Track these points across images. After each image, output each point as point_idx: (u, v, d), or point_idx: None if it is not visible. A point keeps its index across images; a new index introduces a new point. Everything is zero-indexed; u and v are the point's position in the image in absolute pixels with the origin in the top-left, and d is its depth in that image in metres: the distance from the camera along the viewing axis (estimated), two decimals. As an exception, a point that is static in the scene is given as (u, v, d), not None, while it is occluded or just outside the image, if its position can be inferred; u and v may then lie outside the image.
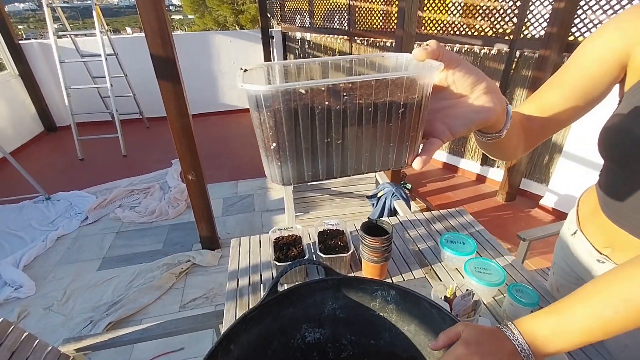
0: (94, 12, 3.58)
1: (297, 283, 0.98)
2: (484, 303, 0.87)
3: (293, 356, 0.61)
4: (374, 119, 0.33)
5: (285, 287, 0.97)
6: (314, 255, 1.07)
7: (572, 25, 2.27)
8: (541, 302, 0.84)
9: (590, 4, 2.17)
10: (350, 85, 0.31)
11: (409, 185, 3.08)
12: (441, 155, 3.50)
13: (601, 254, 0.68)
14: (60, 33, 3.83)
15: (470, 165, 3.28)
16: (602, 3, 2.13)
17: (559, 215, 2.62)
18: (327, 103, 0.31)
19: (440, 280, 0.95)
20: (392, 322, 0.58)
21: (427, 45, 0.35)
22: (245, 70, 0.35)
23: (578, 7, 2.22)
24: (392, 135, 0.35)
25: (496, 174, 3.07)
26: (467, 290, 0.73)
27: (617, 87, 0.58)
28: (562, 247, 0.82)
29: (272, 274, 1.01)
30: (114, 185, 3.19)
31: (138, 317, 1.87)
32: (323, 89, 0.31)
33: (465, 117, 0.38)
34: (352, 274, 1.00)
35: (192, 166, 1.91)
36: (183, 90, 1.71)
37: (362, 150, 0.35)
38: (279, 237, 1.07)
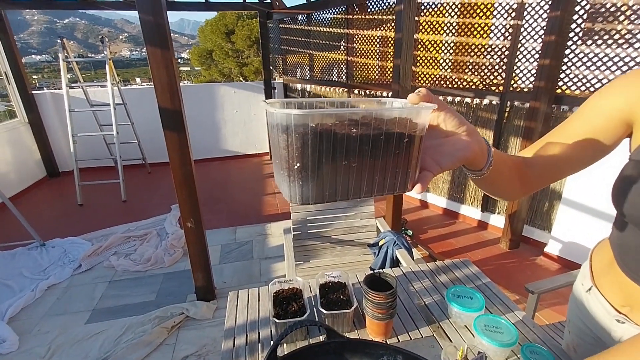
0: (107, 66, 3.80)
1: (298, 344, 0.93)
2: (497, 366, 0.82)
3: None
4: (384, 146, 0.39)
5: (285, 346, 0.92)
6: (314, 310, 1.03)
7: (559, 79, 2.41)
8: (558, 365, 0.79)
9: (574, 60, 2.33)
10: (366, 116, 0.37)
11: (410, 232, 3.04)
12: (441, 201, 3.50)
13: (620, 313, 0.64)
14: (72, 84, 4.03)
15: (470, 211, 3.27)
16: (584, 60, 2.29)
17: (565, 264, 2.56)
18: (347, 130, 0.36)
19: (450, 340, 0.90)
20: (401, 392, 0.54)
21: (419, 91, 0.42)
22: (266, 101, 0.40)
23: (562, 64, 2.37)
24: (399, 162, 0.41)
25: (497, 220, 3.05)
26: (479, 353, 0.69)
27: (626, 141, 0.60)
28: (577, 304, 0.78)
29: (271, 331, 0.96)
30: (111, 232, 3.15)
31: (124, 377, 1.73)
32: (346, 117, 0.36)
33: (450, 154, 0.45)
34: (356, 332, 0.95)
35: (192, 214, 1.90)
36: (187, 140, 1.76)
37: (374, 173, 0.40)
38: (278, 291, 1.03)
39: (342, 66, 4.17)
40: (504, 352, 0.83)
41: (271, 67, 5.29)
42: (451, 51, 3.06)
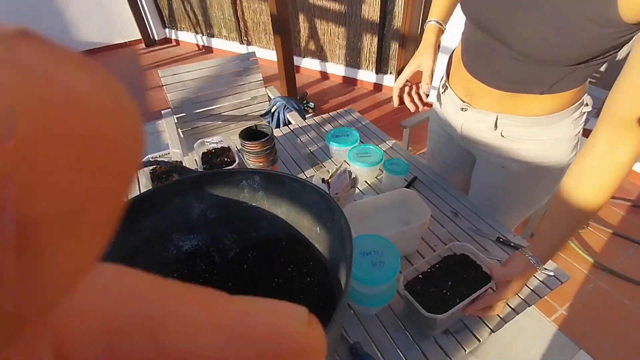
0: None
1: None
2: (367, 183, 0.94)
3: (173, 268, 0.57)
4: None
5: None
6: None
7: None
8: (412, 170, 0.94)
9: None
10: None
11: (311, 104, 3.06)
12: (340, 69, 3.49)
13: (463, 101, 0.77)
14: None
15: (367, 75, 3.36)
16: None
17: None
18: None
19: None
20: (265, 209, 0.57)
21: None
22: None
23: None
24: None
25: (390, 80, 3.22)
26: (342, 169, 0.75)
27: None
28: (436, 111, 0.92)
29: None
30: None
31: None
32: None
33: None
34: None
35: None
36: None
37: None
38: (154, 169, 0.96)
39: None
40: (373, 171, 0.94)
41: None
42: None
